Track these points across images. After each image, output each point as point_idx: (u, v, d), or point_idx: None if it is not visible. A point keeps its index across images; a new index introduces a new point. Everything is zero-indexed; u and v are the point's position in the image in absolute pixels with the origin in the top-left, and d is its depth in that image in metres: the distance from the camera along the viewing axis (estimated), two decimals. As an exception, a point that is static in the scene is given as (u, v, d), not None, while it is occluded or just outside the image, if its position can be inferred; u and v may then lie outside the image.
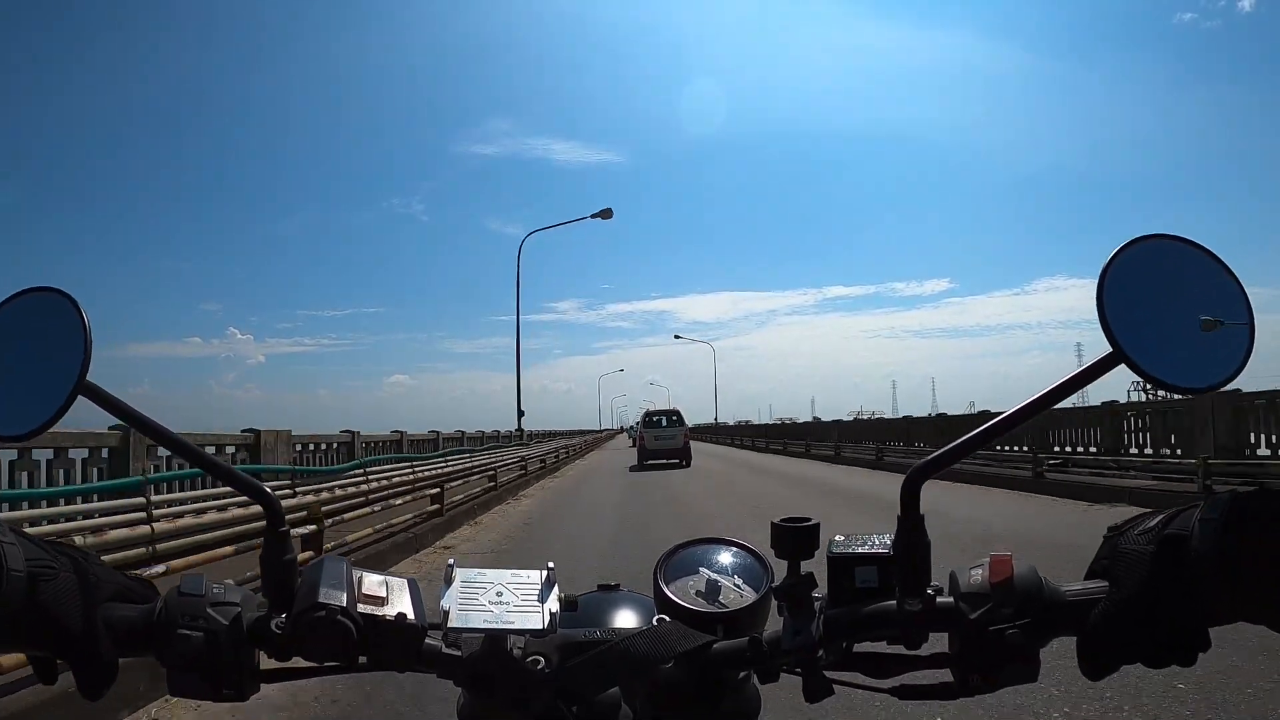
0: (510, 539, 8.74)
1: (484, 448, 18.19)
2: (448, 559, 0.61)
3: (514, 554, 7.63)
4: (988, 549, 0.55)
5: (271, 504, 0.60)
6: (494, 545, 8.29)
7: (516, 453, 18.42)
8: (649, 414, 24.47)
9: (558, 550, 7.48)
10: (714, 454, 30.23)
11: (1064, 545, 6.26)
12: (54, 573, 0.51)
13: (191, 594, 0.55)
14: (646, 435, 22.89)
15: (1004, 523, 8.47)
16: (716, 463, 23.53)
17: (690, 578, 0.67)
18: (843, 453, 20.30)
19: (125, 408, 0.59)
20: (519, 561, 0.72)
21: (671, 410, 24.37)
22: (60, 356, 0.57)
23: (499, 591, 0.58)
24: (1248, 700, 3.02)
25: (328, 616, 0.53)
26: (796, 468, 20.23)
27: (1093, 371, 0.53)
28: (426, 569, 6.79)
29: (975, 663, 0.52)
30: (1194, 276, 0.54)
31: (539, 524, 9.98)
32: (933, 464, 0.57)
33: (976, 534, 7.25)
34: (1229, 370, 0.53)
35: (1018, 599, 0.51)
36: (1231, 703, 3.00)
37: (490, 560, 7.06)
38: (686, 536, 0.72)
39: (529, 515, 11.02)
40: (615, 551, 7.12)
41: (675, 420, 23.36)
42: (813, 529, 0.60)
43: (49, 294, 0.60)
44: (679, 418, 23.50)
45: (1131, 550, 0.50)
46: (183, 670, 0.54)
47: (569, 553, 7.21)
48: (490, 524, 10.10)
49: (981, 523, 8.16)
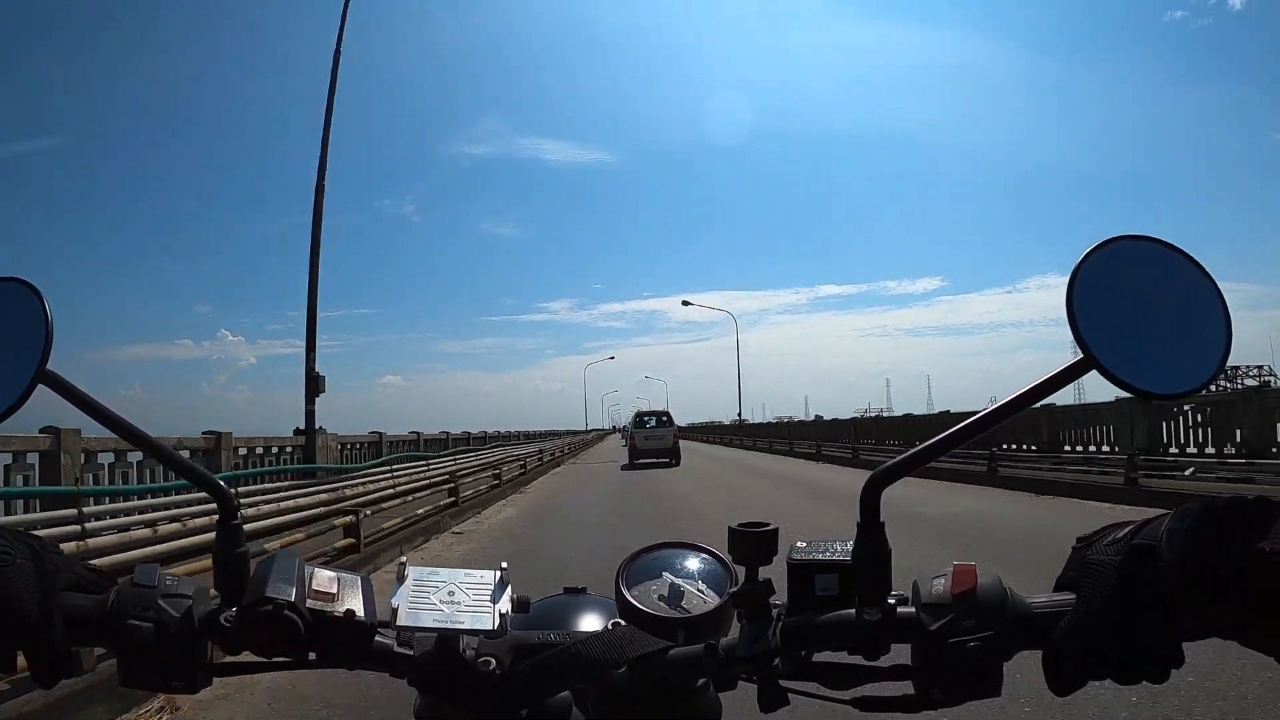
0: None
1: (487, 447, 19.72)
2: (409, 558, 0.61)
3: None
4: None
5: (224, 496, 0.60)
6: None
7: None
8: (639, 415, 25.31)
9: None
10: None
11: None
12: (10, 559, 0.51)
13: (144, 585, 0.55)
14: (637, 435, 23.62)
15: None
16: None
17: (653, 582, 0.66)
18: (861, 455, 20.12)
19: (85, 397, 0.59)
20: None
21: (661, 411, 25.30)
22: (21, 345, 0.57)
23: (451, 591, 0.57)
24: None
25: (274, 610, 0.53)
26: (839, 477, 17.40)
27: (1064, 377, 0.51)
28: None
29: (936, 675, 0.50)
30: (1168, 279, 0.53)
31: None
32: (894, 469, 0.55)
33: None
34: (1204, 375, 0.51)
35: (981, 611, 0.50)
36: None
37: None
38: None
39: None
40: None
41: (665, 421, 24.10)
42: (770, 534, 0.58)
43: (10, 284, 0.60)
44: (669, 419, 24.32)
45: (1099, 561, 0.48)
46: (134, 660, 0.53)
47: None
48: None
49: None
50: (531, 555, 7.38)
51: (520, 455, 20.34)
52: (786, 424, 31.75)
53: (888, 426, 23.59)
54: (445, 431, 18.52)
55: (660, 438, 23.11)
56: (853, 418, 22.69)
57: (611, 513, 10.75)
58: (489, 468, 15.42)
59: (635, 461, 22.57)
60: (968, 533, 7.57)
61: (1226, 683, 3.15)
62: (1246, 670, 3.22)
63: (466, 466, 15.78)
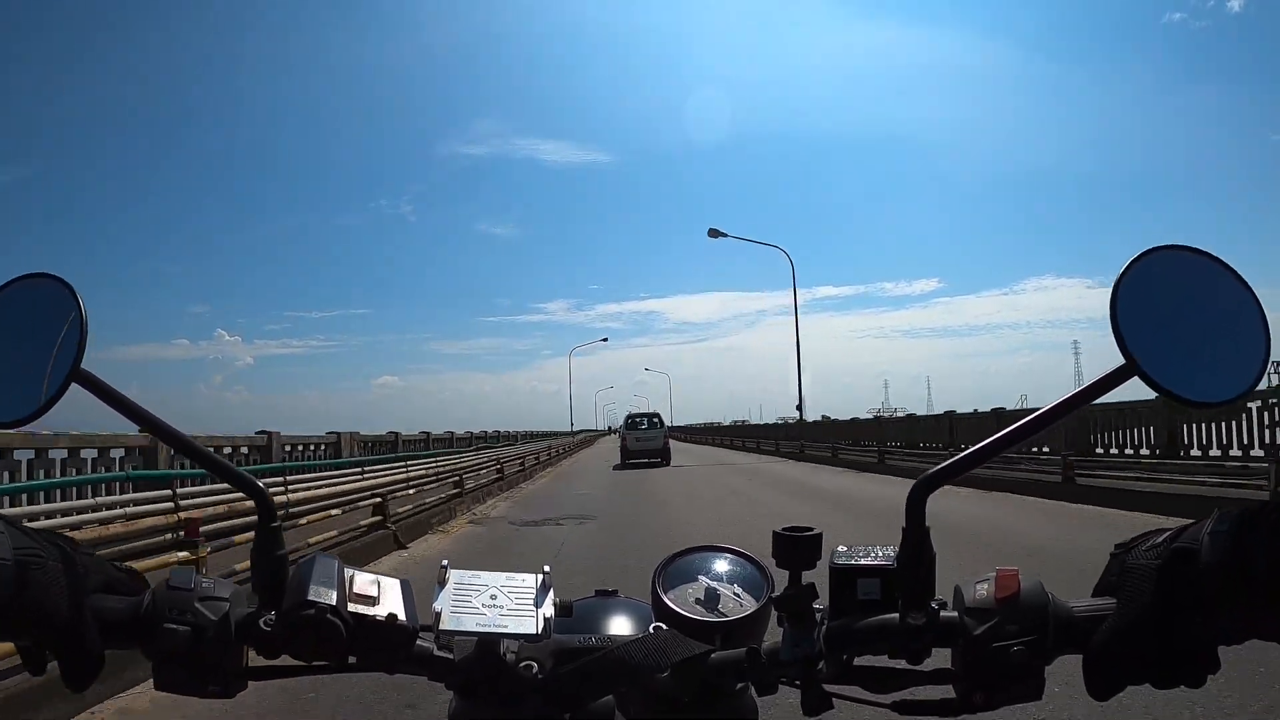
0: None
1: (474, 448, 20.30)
2: (443, 559, 0.60)
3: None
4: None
5: (263, 498, 0.59)
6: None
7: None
8: (630, 417, 26.15)
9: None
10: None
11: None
12: (42, 561, 0.50)
13: (180, 588, 0.54)
14: (629, 436, 24.66)
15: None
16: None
17: (689, 585, 0.66)
18: (887, 460, 18.47)
19: (120, 397, 0.59)
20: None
21: (653, 413, 26.27)
22: (55, 343, 0.57)
23: (493, 594, 0.57)
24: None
25: (317, 615, 0.52)
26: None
27: (1106, 383, 0.52)
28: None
29: (978, 679, 0.51)
30: (1208, 289, 0.54)
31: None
32: (940, 475, 0.55)
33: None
34: (1244, 384, 0.52)
35: (1023, 615, 0.50)
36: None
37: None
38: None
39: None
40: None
41: (656, 423, 25.15)
42: (815, 539, 0.59)
43: (47, 280, 0.59)
44: (660, 421, 25.46)
45: (1139, 566, 0.49)
46: (168, 665, 0.53)
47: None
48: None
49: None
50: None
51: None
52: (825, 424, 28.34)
53: (922, 428, 19.90)
54: (425, 431, 19.79)
55: (651, 439, 24.06)
56: (876, 417, 21.98)
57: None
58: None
59: (627, 462, 23.29)
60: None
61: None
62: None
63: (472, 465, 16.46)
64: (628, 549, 7.14)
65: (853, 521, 9.22)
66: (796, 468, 20.17)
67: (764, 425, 36.07)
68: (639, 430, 24.74)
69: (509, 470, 16.99)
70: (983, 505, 9.98)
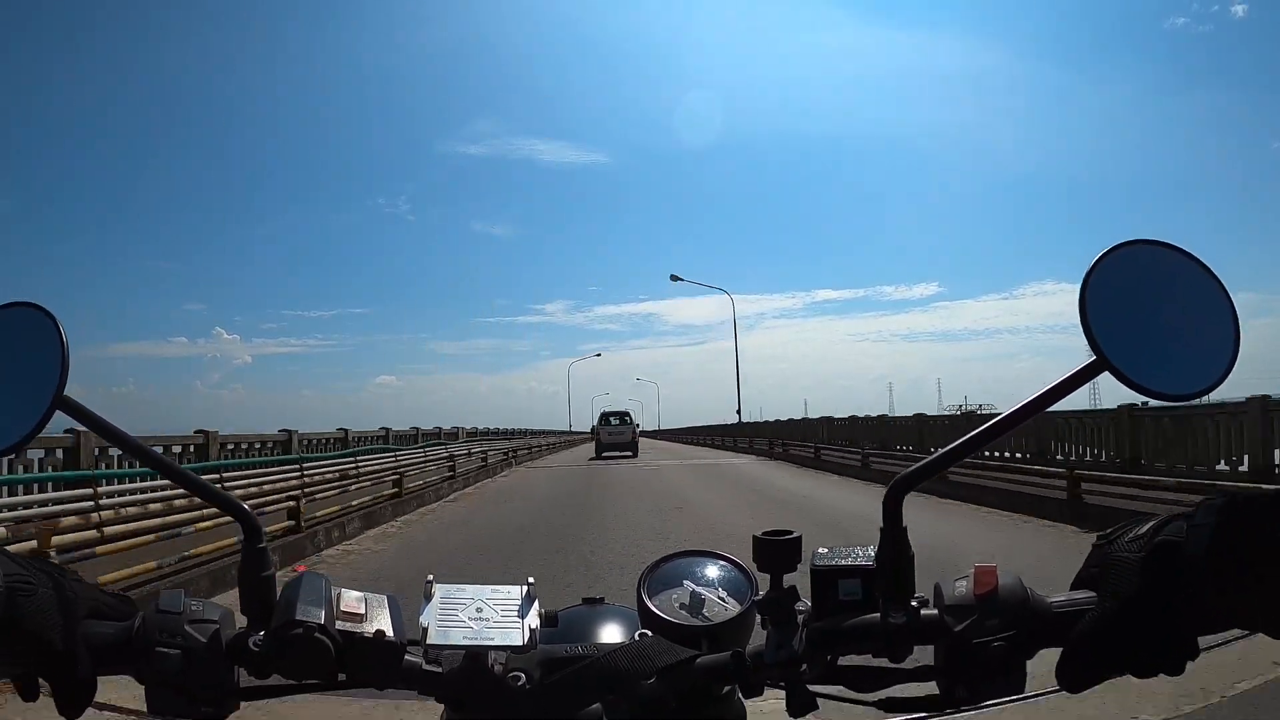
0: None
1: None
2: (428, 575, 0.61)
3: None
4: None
5: (248, 519, 0.59)
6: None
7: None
8: (604, 414, 30.48)
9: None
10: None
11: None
12: (32, 589, 0.50)
13: (169, 610, 0.54)
14: (602, 431, 28.92)
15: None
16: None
17: (674, 590, 0.66)
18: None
19: (102, 422, 0.59)
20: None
21: (624, 412, 30.74)
22: (39, 371, 0.57)
23: (479, 607, 0.57)
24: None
25: (305, 634, 0.52)
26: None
27: (1078, 378, 0.53)
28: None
29: (960, 675, 0.51)
30: (1178, 282, 0.54)
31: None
32: (916, 474, 0.56)
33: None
34: (1214, 376, 0.52)
35: (1002, 610, 0.51)
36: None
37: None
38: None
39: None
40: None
41: (626, 420, 29.88)
42: (795, 542, 0.59)
43: (27, 309, 0.59)
44: (630, 418, 30.26)
45: (1121, 558, 0.49)
46: (161, 688, 0.53)
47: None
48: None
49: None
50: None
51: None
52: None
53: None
54: (415, 427, 22.37)
55: (621, 434, 28.39)
56: (881, 415, 21.89)
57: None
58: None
59: (601, 455, 26.61)
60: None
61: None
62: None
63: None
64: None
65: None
66: (758, 465, 21.87)
67: (729, 425, 37.67)
68: (611, 426, 28.93)
69: (409, 485, 12.47)
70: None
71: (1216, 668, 3.12)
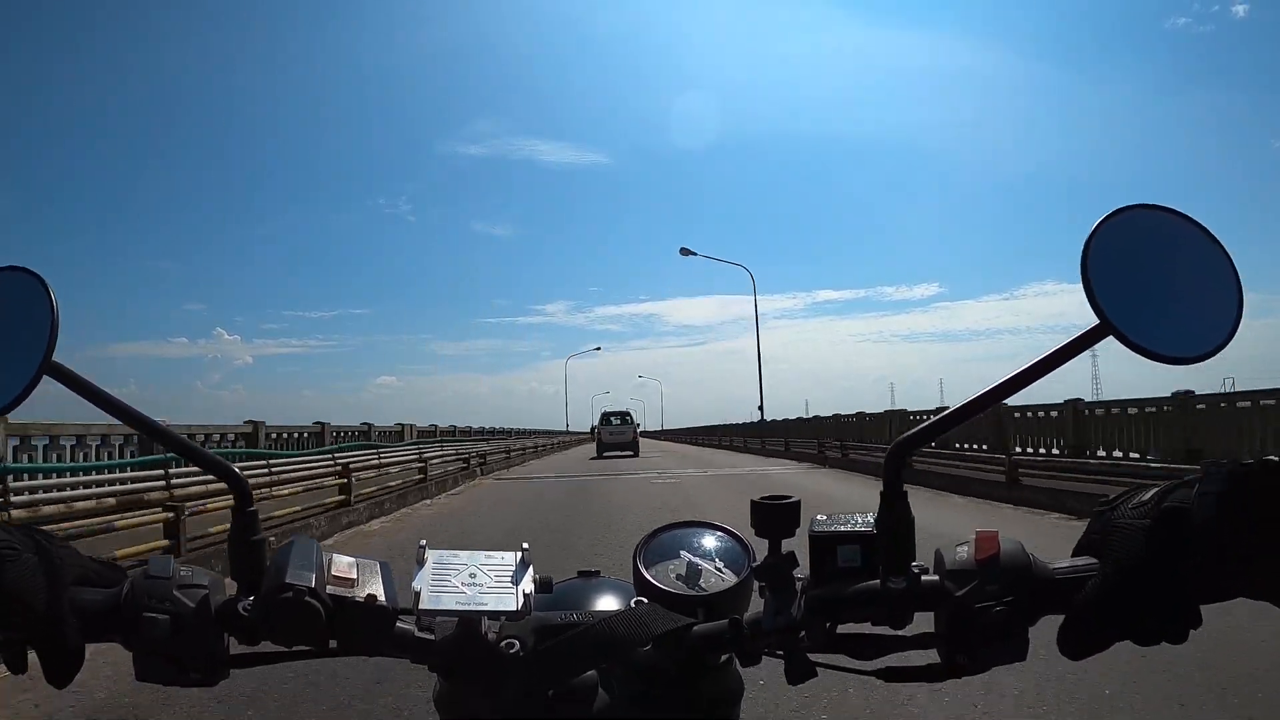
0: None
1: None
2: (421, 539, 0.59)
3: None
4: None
5: (239, 483, 0.58)
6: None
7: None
8: (605, 414, 30.80)
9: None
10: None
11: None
12: (17, 554, 0.49)
13: (159, 576, 0.53)
14: (603, 431, 29.24)
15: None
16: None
17: (670, 561, 0.65)
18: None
19: (92, 388, 0.58)
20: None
21: (625, 411, 31.08)
22: (27, 336, 0.56)
23: (472, 573, 0.56)
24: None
25: (295, 598, 0.51)
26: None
27: (1081, 343, 0.52)
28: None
29: (962, 642, 0.50)
30: (1179, 246, 0.53)
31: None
32: (916, 437, 0.55)
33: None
34: (1217, 340, 0.51)
35: (1003, 576, 0.50)
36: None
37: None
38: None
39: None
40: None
41: (627, 420, 30.24)
42: (793, 506, 0.58)
43: (16, 273, 0.59)
44: (630, 417, 30.60)
45: (1126, 525, 0.48)
46: (150, 656, 0.52)
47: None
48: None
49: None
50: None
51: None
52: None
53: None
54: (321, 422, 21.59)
55: (622, 433, 28.75)
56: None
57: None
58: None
59: (603, 454, 26.77)
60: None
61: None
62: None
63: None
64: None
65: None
66: (820, 476, 19.84)
67: (740, 425, 38.29)
68: (612, 425, 29.32)
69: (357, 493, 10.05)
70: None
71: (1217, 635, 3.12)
